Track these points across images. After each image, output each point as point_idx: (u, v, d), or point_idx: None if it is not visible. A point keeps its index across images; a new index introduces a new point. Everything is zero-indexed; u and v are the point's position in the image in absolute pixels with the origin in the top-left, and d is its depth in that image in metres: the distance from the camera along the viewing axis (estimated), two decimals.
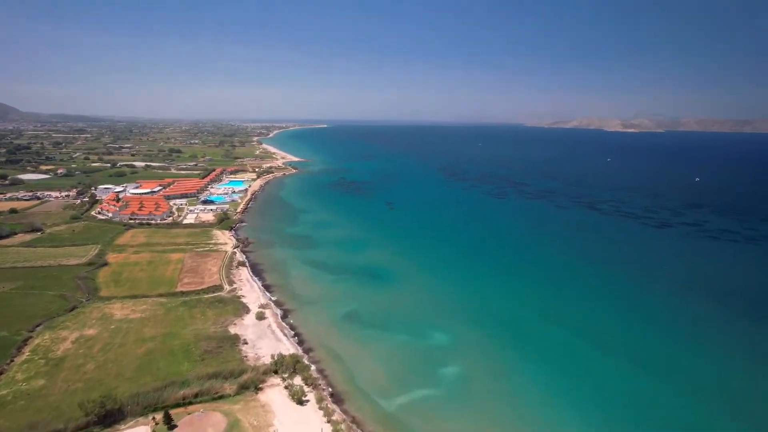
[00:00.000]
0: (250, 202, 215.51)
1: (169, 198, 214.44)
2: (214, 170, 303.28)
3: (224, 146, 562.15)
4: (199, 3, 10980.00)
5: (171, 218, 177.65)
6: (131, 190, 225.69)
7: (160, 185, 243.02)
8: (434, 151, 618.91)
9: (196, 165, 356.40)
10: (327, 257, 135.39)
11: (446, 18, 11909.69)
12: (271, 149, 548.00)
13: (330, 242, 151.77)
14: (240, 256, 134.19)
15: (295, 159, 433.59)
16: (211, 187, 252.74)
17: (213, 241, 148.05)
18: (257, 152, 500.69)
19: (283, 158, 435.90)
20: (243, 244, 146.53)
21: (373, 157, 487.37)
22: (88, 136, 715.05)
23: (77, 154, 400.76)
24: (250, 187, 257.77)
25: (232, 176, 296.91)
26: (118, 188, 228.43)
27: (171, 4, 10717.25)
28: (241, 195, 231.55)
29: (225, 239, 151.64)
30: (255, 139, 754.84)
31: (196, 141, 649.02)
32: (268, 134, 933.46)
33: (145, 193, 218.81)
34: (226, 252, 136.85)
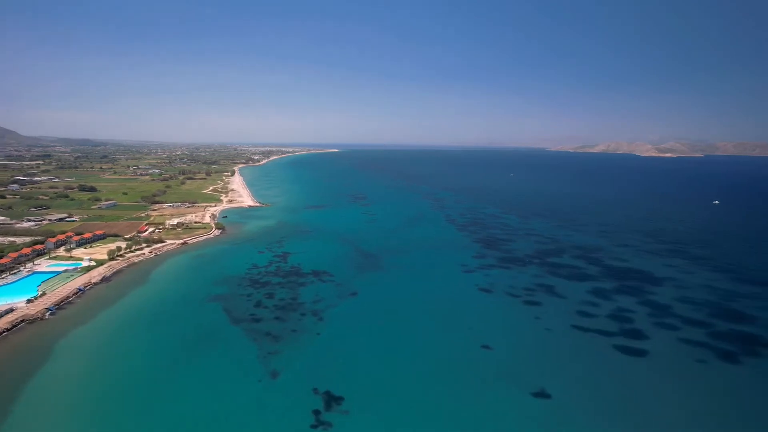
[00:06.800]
0: None
1: None
2: (42, 241, 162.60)
3: (176, 179, 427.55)
4: (220, 30, 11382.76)
5: None
6: None
7: None
8: (454, 185, 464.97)
9: (62, 219, 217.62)
10: None
11: (466, 41, 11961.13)
12: (236, 184, 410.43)
13: None
14: None
15: (248, 203, 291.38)
16: None
17: None
18: (209, 189, 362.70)
19: (230, 202, 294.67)
20: None
21: (366, 199, 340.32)
22: (40, 162, 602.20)
23: None
24: (43, 295, 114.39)
25: (56, 258, 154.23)
26: None
27: (192, 31, 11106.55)
28: None
29: None
30: (236, 167, 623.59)
31: (156, 171, 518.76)
32: (260, 161, 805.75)
33: None
34: None
